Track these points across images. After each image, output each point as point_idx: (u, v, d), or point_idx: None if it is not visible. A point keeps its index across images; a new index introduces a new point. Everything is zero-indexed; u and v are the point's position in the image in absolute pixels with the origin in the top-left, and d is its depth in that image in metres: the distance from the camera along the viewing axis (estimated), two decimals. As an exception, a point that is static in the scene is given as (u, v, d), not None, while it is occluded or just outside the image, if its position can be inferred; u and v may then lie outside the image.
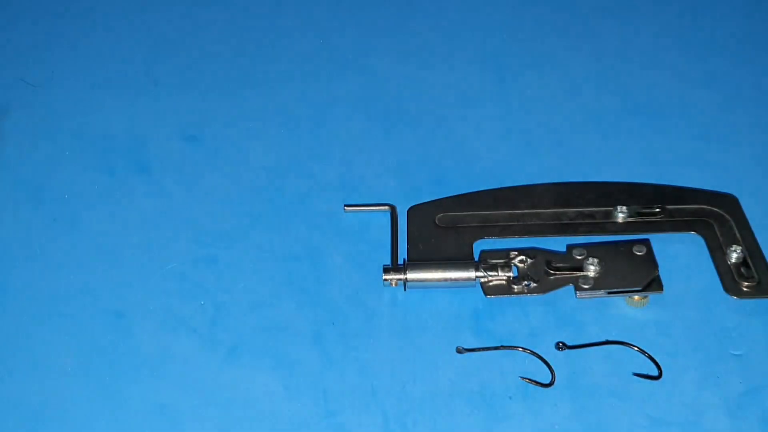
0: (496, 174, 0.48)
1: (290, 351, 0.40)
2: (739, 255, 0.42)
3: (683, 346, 0.40)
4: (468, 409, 0.37)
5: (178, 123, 0.51)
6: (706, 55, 0.56)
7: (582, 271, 0.41)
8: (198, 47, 0.57)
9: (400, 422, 0.37)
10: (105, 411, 0.38)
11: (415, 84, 0.54)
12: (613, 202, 0.45)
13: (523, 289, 0.41)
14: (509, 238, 0.44)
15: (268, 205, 0.46)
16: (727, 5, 0.60)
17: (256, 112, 0.52)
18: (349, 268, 0.43)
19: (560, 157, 0.49)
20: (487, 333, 0.40)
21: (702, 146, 0.49)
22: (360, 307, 0.41)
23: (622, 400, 0.37)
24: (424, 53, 0.56)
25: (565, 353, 0.39)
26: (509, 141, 0.50)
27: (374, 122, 0.51)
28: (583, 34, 0.58)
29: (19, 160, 0.49)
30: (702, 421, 0.37)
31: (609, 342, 0.39)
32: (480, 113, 0.52)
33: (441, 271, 0.41)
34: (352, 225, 0.45)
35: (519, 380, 0.38)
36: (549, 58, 0.56)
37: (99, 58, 0.56)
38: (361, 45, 0.57)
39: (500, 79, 0.54)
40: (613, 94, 0.53)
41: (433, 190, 0.47)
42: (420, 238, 0.44)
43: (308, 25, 0.59)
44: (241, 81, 0.54)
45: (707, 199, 0.45)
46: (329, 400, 0.38)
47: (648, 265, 0.42)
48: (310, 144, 0.50)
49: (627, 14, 0.59)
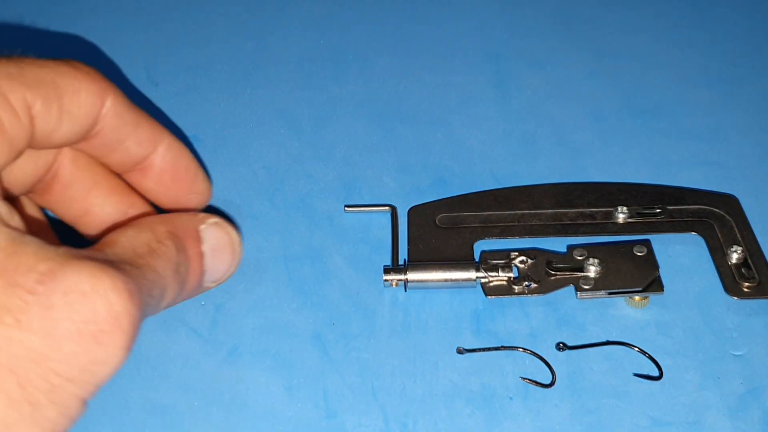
0: (496, 175, 0.48)
1: (290, 351, 0.40)
2: (740, 255, 0.42)
3: (684, 346, 0.40)
4: (469, 410, 0.37)
5: (179, 123, 0.51)
6: (707, 55, 0.56)
7: (582, 272, 0.41)
8: (198, 47, 0.57)
9: (401, 422, 0.37)
10: (105, 411, 0.38)
11: (415, 84, 0.54)
12: (614, 202, 0.45)
13: (524, 289, 0.41)
14: (510, 238, 0.44)
15: (268, 205, 0.46)
16: (728, 5, 0.60)
17: (256, 112, 0.52)
18: (350, 269, 0.43)
19: (561, 157, 0.49)
20: (488, 333, 0.40)
21: (703, 146, 0.49)
22: (360, 307, 0.41)
23: (623, 401, 0.37)
24: (424, 53, 0.56)
25: (565, 354, 0.39)
26: (510, 141, 0.50)
27: (374, 122, 0.51)
28: (584, 34, 0.58)
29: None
30: (703, 421, 0.37)
31: (609, 342, 0.39)
32: (480, 113, 0.52)
33: (442, 271, 0.41)
34: (353, 225, 0.45)
35: (519, 380, 0.38)
36: (549, 58, 0.56)
37: (99, 58, 0.56)
38: (362, 45, 0.57)
39: (500, 79, 0.54)
40: (614, 95, 0.53)
41: (434, 190, 0.47)
42: (420, 239, 0.44)
43: (309, 25, 0.59)
44: (241, 81, 0.54)
45: (708, 200, 0.45)
46: (329, 400, 0.38)
47: (649, 266, 0.42)
48: (310, 144, 0.50)
49: (627, 14, 0.59)
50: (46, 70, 0.32)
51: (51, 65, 0.33)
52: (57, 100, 0.32)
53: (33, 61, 0.32)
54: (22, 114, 0.31)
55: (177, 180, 0.38)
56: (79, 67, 0.34)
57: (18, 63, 0.32)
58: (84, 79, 0.33)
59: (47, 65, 0.32)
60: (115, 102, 0.34)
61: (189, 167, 0.38)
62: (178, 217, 0.36)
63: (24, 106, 0.31)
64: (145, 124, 0.36)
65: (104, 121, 0.34)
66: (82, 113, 0.33)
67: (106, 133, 0.35)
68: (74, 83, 0.33)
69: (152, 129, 0.37)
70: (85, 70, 0.34)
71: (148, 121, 0.37)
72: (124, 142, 0.36)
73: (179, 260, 0.34)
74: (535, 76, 0.55)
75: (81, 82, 0.33)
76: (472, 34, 0.58)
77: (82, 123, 0.34)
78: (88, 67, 0.34)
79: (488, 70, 0.55)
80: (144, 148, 0.36)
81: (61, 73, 0.33)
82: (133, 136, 0.36)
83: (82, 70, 0.34)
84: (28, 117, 0.31)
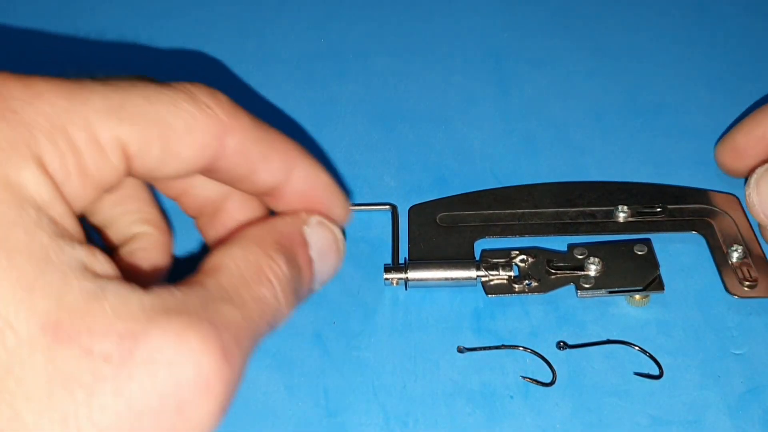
0: (497, 173, 0.48)
1: (291, 350, 0.40)
2: (740, 254, 0.42)
3: (684, 345, 0.40)
4: (469, 408, 0.37)
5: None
6: (708, 54, 0.56)
7: (583, 271, 0.41)
8: (198, 46, 0.57)
9: (401, 421, 0.37)
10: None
11: (416, 83, 0.54)
12: (614, 201, 0.45)
13: (524, 288, 0.41)
14: (510, 237, 0.44)
15: (268, 204, 0.46)
16: (729, 4, 0.60)
17: (256, 111, 0.52)
18: (350, 267, 0.43)
19: (561, 156, 0.49)
20: (488, 332, 0.40)
21: (703, 146, 0.49)
22: (361, 306, 0.41)
23: (623, 399, 0.37)
24: (424, 52, 0.56)
25: (565, 352, 0.39)
26: (510, 140, 0.50)
27: (375, 121, 0.51)
28: (585, 33, 0.58)
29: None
30: (703, 420, 0.37)
31: (610, 341, 0.39)
32: (481, 112, 0.52)
33: (442, 270, 0.41)
34: (353, 224, 0.45)
35: (520, 379, 0.38)
36: (550, 57, 0.56)
37: (99, 58, 0.56)
38: (362, 44, 0.57)
39: (501, 77, 0.54)
40: (615, 94, 0.53)
41: (434, 189, 0.47)
42: (421, 238, 0.44)
43: (309, 24, 0.59)
44: (241, 81, 0.54)
45: (708, 199, 0.45)
46: (330, 399, 0.38)
47: (649, 265, 0.42)
48: (310, 144, 0.50)
49: (628, 13, 0.59)
50: (156, 103, 0.28)
51: (163, 97, 0.29)
52: (161, 140, 0.28)
53: (143, 89, 0.28)
54: (113, 154, 0.27)
55: (311, 205, 0.35)
56: (198, 97, 0.29)
57: (124, 92, 0.28)
58: (200, 116, 0.29)
59: (158, 97, 0.28)
60: (238, 140, 0.30)
61: (325, 192, 0.35)
62: (283, 220, 0.33)
63: (116, 144, 0.27)
64: (277, 155, 0.32)
65: (224, 160, 0.31)
66: (192, 155, 0.29)
67: (226, 170, 0.31)
68: (187, 120, 0.29)
69: (285, 157, 0.33)
70: (204, 102, 0.29)
71: (280, 148, 0.32)
72: (250, 176, 0.32)
73: (290, 276, 0.31)
74: (535, 75, 0.55)
75: (196, 120, 0.29)
76: (472, 33, 0.58)
77: (192, 164, 0.30)
78: (211, 96, 0.30)
79: (489, 68, 0.55)
80: (275, 178, 0.33)
81: (174, 107, 0.28)
82: (260, 170, 0.32)
83: (201, 103, 0.29)
84: (121, 157, 0.28)
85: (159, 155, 0.28)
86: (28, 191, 0.25)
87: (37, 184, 0.25)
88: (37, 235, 0.24)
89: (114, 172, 0.28)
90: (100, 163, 0.27)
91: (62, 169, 0.26)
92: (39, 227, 0.25)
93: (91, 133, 0.27)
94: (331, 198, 0.35)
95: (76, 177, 0.26)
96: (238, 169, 0.31)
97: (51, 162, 0.26)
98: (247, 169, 0.32)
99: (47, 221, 0.25)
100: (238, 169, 0.31)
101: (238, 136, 0.30)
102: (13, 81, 0.26)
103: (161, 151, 0.28)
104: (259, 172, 0.32)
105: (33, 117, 0.25)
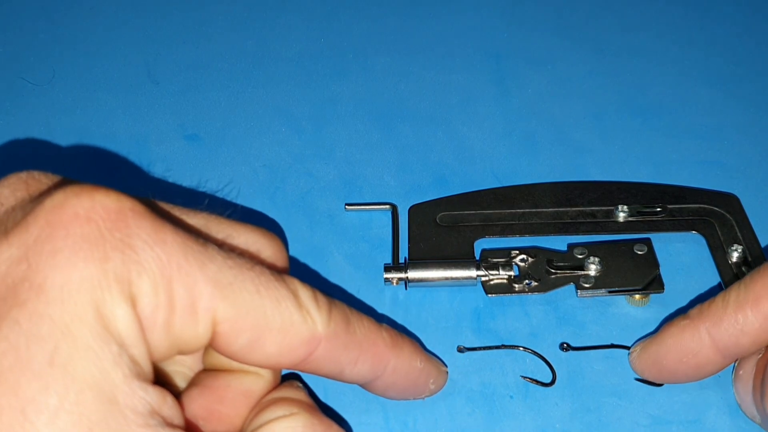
0: (497, 173, 0.48)
1: (291, 350, 0.40)
2: (740, 254, 0.42)
3: (684, 345, 0.39)
4: (469, 408, 0.37)
5: (179, 122, 0.51)
6: (708, 54, 0.56)
7: (583, 270, 0.41)
8: (198, 47, 0.57)
9: (401, 421, 0.37)
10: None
11: (416, 82, 0.54)
12: (614, 201, 0.45)
13: (524, 287, 0.41)
14: (510, 237, 0.44)
15: (268, 204, 0.46)
16: (729, 3, 0.60)
17: (256, 111, 0.52)
18: (350, 267, 0.43)
19: (561, 156, 0.49)
20: (488, 332, 0.40)
21: (703, 145, 0.49)
22: (361, 305, 0.41)
23: (623, 399, 0.37)
24: (424, 51, 0.56)
25: (566, 353, 0.39)
26: (510, 140, 0.50)
27: (375, 121, 0.51)
28: (585, 33, 0.58)
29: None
30: (703, 420, 0.37)
31: (613, 346, 0.39)
32: (481, 112, 0.52)
33: (442, 269, 0.41)
34: (353, 224, 0.45)
35: (520, 379, 0.38)
36: (550, 57, 0.56)
37: (99, 58, 0.56)
38: (362, 43, 0.57)
39: (501, 77, 0.54)
40: (615, 93, 0.53)
41: (434, 189, 0.47)
42: (421, 237, 0.44)
43: (309, 23, 0.59)
44: (241, 80, 0.54)
45: (708, 199, 0.45)
46: (330, 399, 0.38)
47: (649, 265, 0.42)
48: (310, 143, 0.50)
49: (628, 13, 0.59)
50: (262, 294, 0.28)
51: (271, 291, 0.28)
52: (253, 331, 0.28)
53: (258, 275, 0.28)
54: (203, 324, 0.27)
55: (403, 394, 0.36)
56: (302, 300, 0.29)
57: (238, 271, 0.27)
58: (298, 322, 0.29)
59: (266, 288, 0.28)
60: (328, 348, 0.30)
61: (418, 381, 0.35)
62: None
63: (210, 317, 0.27)
64: (367, 359, 0.31)
65: (308, 364, 0.30)
66: (277, 353, 0.29)
67: (309, 369, 0.31)
68: (285, 322, 0.28)
69: (375, 360, 0.32)
70: (306, 306, 0.29)
71: (371, 352, 0.32)
72: (335, 375, 0.32)
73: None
74: (535, 75, 0.55)
75: (293, 325, 0.28)
76: (472, 33, 0.58)
77: (273, 362, 0.29)
78: (314, 300, 0.29)
79: (489, 68, 0.55)
80: (363, 379, 0.32)
81: (277, 303, 0.28)
82: (347, 371, 0.31)
83: (302, 308, 0.29)
84: (209, 330, 0.27)
85: (245, 343, 0.28)
86: (116, 326, 0.25)
87: (127, 321, 0.25)
88: (112, 373, 0.25)
89: (196, 340, 0.27)
90: (188, 326, 0.27)
91: (152, 317, 0.26)
92: (117, 364, 0.25)
93: (192, 297, 0.27)
94: (425, 381, 0.36)
95: (161, 329, 0.26)
96: (323, 370, 0.31)
97: (145, 307, 0.26)
98: (332, 371, 0.31)
99: (127, 359, 0.25)
100: (323, 370, 0.31)
101: (328, 345, 0.30)
102: (147, 220, 0.26)
103: (248, 341, 0.28)
104: (345, 374, 0.32)
105: (147, 260, 0.26)
